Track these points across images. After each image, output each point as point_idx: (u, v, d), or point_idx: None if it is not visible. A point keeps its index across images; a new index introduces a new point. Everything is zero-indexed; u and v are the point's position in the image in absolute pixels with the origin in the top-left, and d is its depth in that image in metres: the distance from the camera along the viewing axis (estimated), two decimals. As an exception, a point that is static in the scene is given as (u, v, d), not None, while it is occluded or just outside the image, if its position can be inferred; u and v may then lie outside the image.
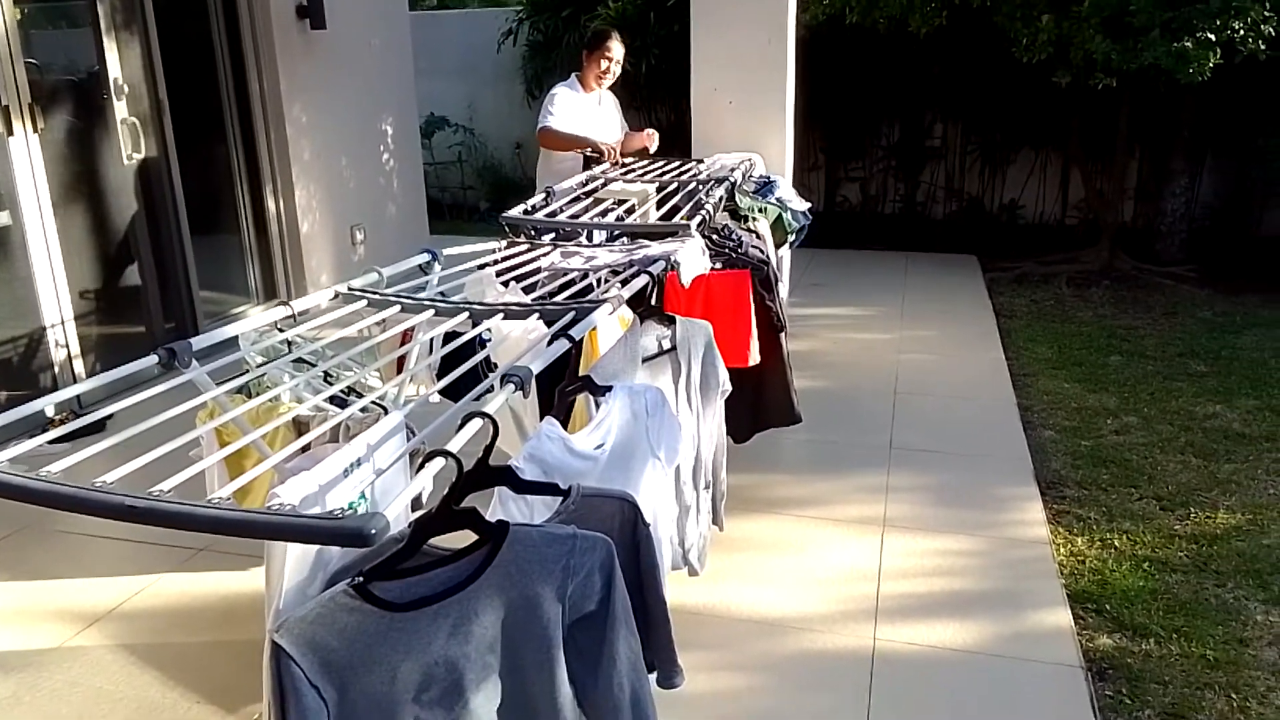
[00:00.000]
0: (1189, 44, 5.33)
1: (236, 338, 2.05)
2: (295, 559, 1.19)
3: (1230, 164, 7.32)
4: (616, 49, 4.72)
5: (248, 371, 1.98)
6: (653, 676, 1.54)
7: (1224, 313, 5.87)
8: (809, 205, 4.41)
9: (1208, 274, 6.67)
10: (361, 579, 1.17)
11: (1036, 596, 2.85)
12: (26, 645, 2.69)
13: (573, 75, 4.79)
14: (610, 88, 4.90)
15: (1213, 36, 5.34)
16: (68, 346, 4.39)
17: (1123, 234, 7.16)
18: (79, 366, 4.42)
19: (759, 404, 3.34)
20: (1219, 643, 2.64)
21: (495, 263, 2.59)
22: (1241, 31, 5.39)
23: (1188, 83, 5.60)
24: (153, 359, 1.67)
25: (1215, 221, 7.42)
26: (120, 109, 4.65)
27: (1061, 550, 3.13)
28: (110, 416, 1.71)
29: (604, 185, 3.88)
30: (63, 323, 4.36)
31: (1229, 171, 7.37)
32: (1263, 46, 5.44)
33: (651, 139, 4.85)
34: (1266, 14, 5.37)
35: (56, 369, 4.34)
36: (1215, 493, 3.52)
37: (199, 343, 1.76)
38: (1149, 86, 6.19)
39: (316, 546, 1.20)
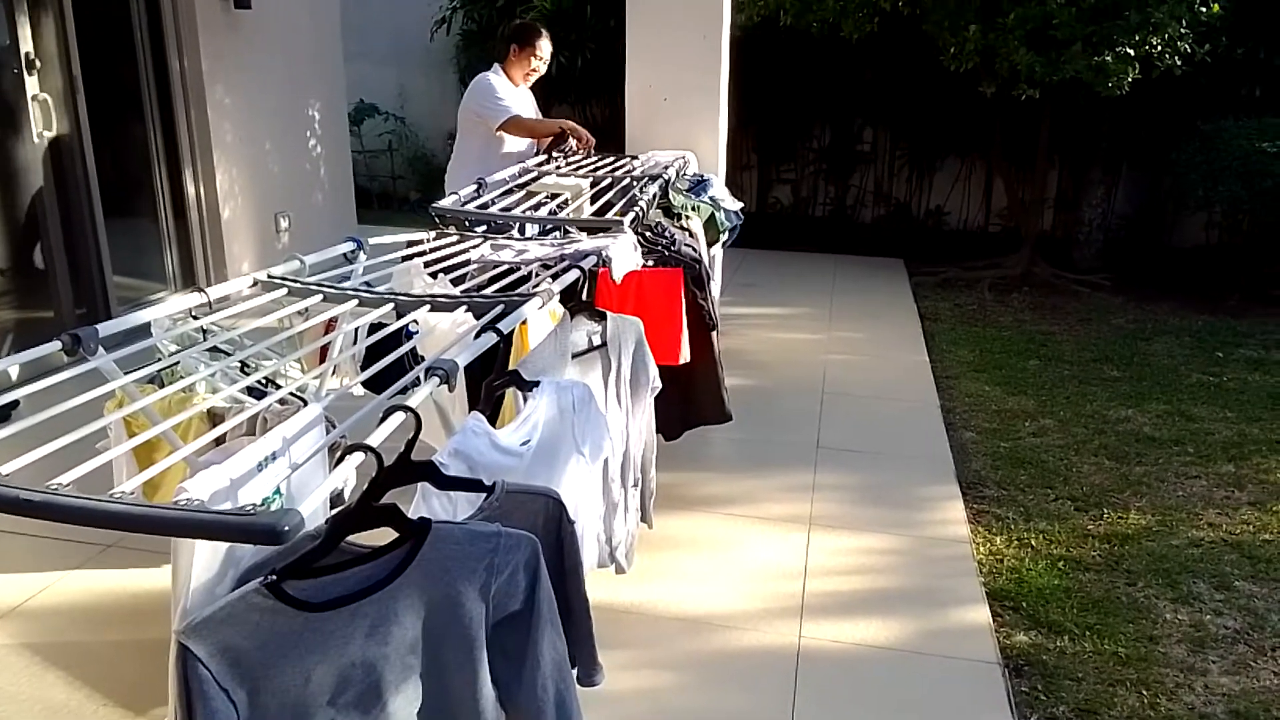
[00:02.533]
0: (1109, 58, 5.50)
1: (149, 324, 1.96)
2: (203, 556, 1.14)
3: (1145, 176, 7.58)
4: (546, 48, 4.66)
5: (160, 360, 1.90)
6: (574, 673, 1.51)
7: (1136, 320, 6.07)
8: (741, 205, 4.43)
9: (1122, 282, 6.90)
10: (274, 577, 1.12)
11: (957, 594, 2.90)
12: (-83, 645, 2.55)
13: (495, 65, 4.66)
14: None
15: (1131, 52, 5.52)
16: (-31, 331, 4.19)
17: (1042, 242, 7.36)
18: (-19, 352, 4.22)
19: (690, 401, 3.34)
20: (1130, 640, 2.72)
21: (424, 253, 2.54)
22: (1159, 47, 5.58)
23: (1107, 96, 5.78)
24: (56, 345, 1.59)
25: (1130, 231, 7.68)
26: (31, 84, 4.45)
27: (981, 549, 3.19)
28: (15, 404, 1.63)
29: (537, 179, 3.84)
30: (-36, 306, 4.16)
31: (1143, 183, 7.64)
32: (1178, 62, 5.65)
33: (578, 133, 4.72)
34: (1183, 31, 5.57)
35: (-44, 355, 4.14)
36: (1127, 494, 3.63)
37: (110, 328, 1.68)
38: (1070, 98, 6.38)
39: (226, 544, 1.15)
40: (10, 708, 2.31)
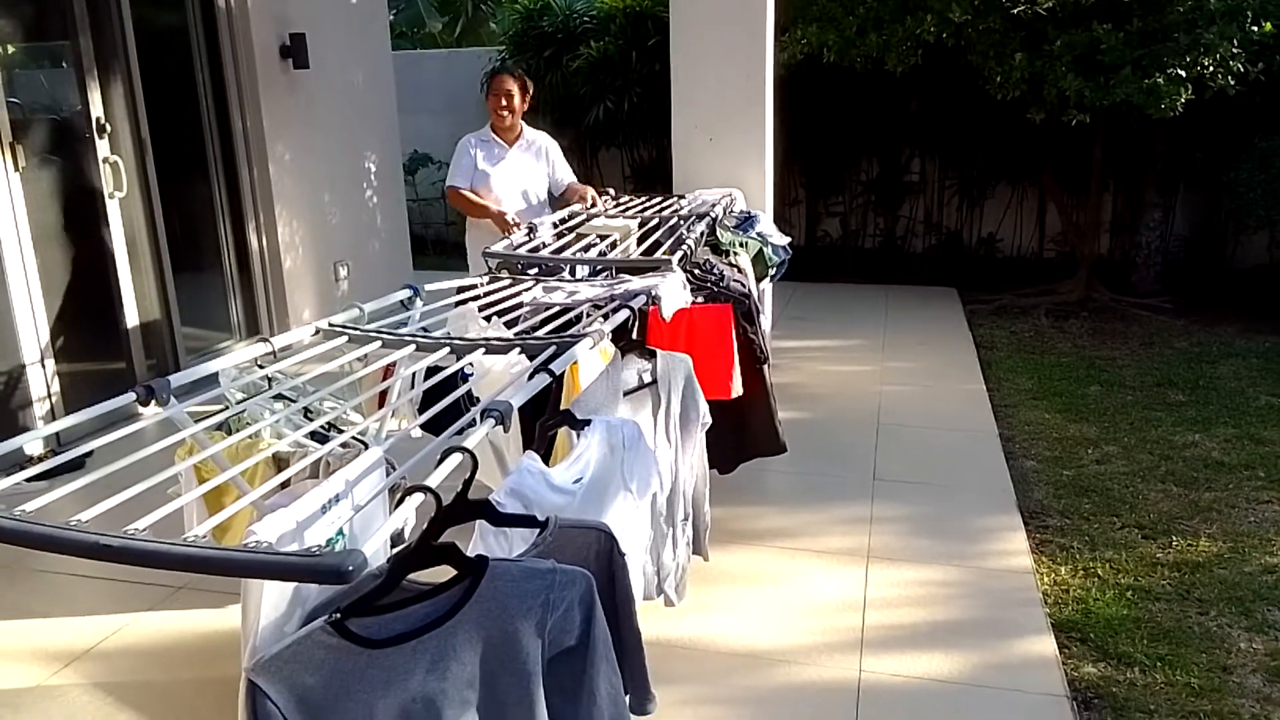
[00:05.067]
0: (1160, 80, 5.44)
1: (217, 374, 2.04)
2: (271, 596, 1.18)
3: (1202, 196, 7.44)
4: (508, 83, 4.46)
5: (228, 408, 1.97)
6: (626, 701, 1.53)
7: (1200, 343, 5.93)
8: (789, 239, 4.46)
9: (1183, 305, 6.76)
10: (339, 615, 1.16)
11: (1021, 626, 2.85)
12: (3, 685, 2.65)
13: (487, 124, 4.58)
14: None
15: (1183, 73, 5.45)
16: (48, 384, 4.36)
17: (1099, 266, 7.25)
18: (59, 404, 4.39)
19: (744, 434, 3.35)
20: (1203, 670, 2.64)
21: (478, 297, 2.60)
22: (1211, 68, 5.51)
23: (1159, 118, 5.71)
24: (131, 396, 1.66)
25: (1189, 253, 7.53)
26: (102, 147, 4.66)
27: (1045, 579, 3.14)
28: (90, 454, 1.70)
29: (587, 220, 3.91)
30: (42, 360, 4.33)
31: (1201, 204, 7.49)
32: (1232, 82, 5.56)
33: (586, 196, 4.47)
34: (1235, 50, 5.49)
35: (36, 407, 4.31)
36: (1196, 521, 3.54)
37: (179, 379, 1.76)
38: (1122, 121, 6.30)
39: (293, 584, 1.19)
40: (87, 750, 2.39)
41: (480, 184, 4.48)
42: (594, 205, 4.37)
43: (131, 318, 4.87)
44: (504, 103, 4.45)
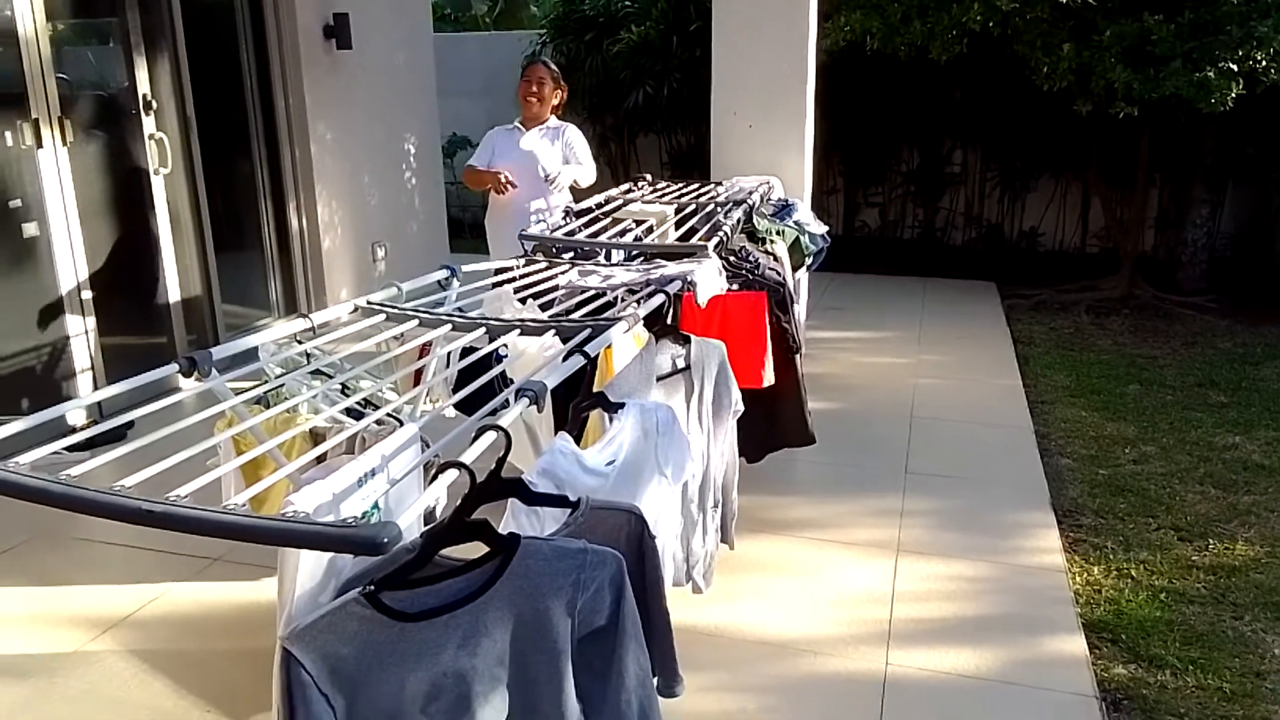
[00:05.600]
0: (1211, 74, 5.32)
1: (256, 349, 2.07)
2: (308, 566, 1.20)
3: (1252, 193, 7.29)
4: (539, 70, 4.59)
5: (266, 382, 2.00)
6: (655, 683, 1.54)
7: (1245, 344, 5.82)
8: (827, 229, 4.42)
9: (1229, 304, 6.63)
10: (373, 588, 1.17)
11: (1052, 624, 2.82)
12: (41, 650, 2.71)
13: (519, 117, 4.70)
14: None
15: (1235, 67, 5.33)
16: (91, 356, 4.44)
17: (1143, 263, 7.13)
18: (101, 376, 4.47)
19: (773, 424, 3.34)
20: (1235, 675, 2.60)
21: (514, 280, 2.61)
22: (1264, 62, 5.38)
23: (1209, 112, 5.59)
24: (174, 368, 1.69)
25: (1236, 251, 7.38)
26: (149, 124, 4.73)
27: (1077, 579, 3.10)
28: (131, 425, 1.73)
29: (624, 205, 3.91)
30: (86, 333, 4.41)
31: (1250, 201, 7.33)
32: (1285, 77, 5.43)
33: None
34: (1289, 45, 5.36)
35: (79, 378, 4.39)
36: (1234, 524, 3.48)
37: (220, 352, 1.78)
38: (1170, 115, 6.18)
39: (329, 554, 1.21)
40: (119, 712, 2.44)
41: (494, 163, 4.60)
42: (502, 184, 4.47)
43: (174, 293, 4.94)
44: (534, 89, 4.56)
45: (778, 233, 3.88)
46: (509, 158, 4.59)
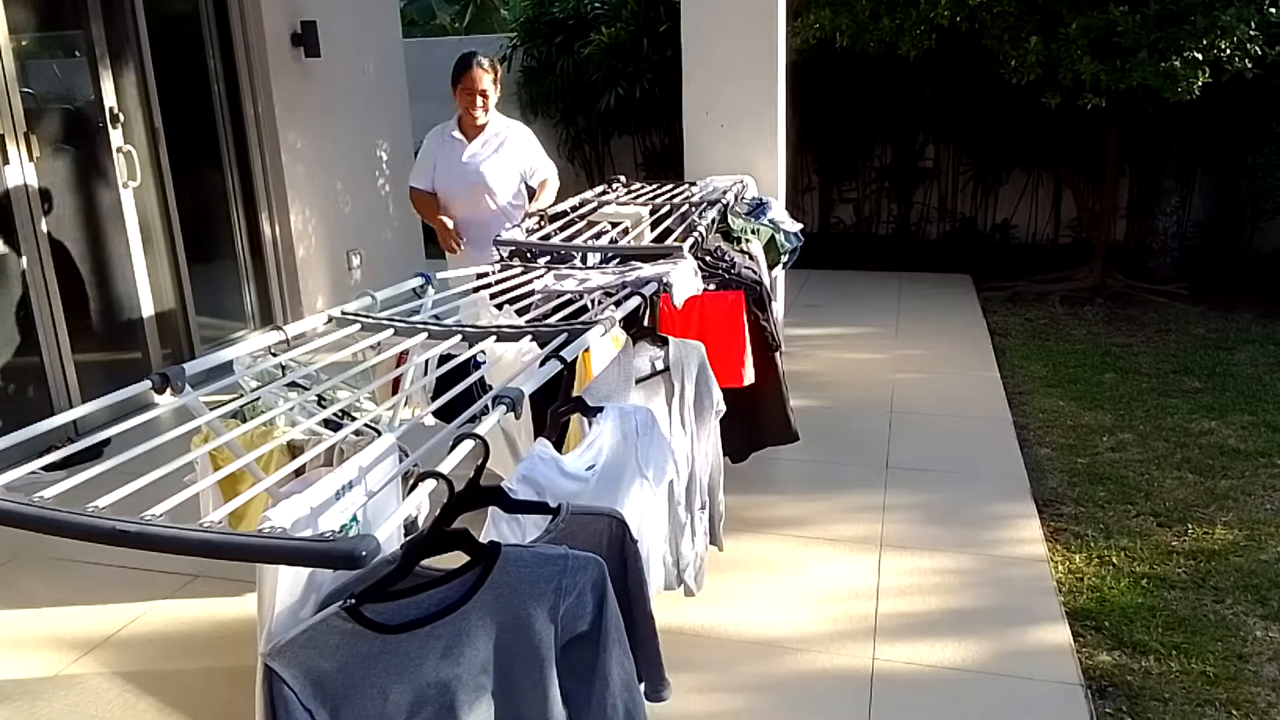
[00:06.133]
0: (1177, 64, 5.38)
1: (232, 362, 2.05)
2: (287, 582, 1.19)
3: (1220, 181, 7.37)
4: (479, 77, 3.97)
5: (242, 396, 1.98)
6: (641, 689, 1.53)
7: (1217, 329, 5.89)
8: (801, 226, 4.44)
9: (1200, 291, 6.70)
10: (353, 601, 1.17)
11: (1035, 614, 2.84)
12: (22, 673, 2.68)
13: (455, 115, 4.18)
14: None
15: (1200, 56, 5.39)
16: (64, 373, 4.39)
17: (1115, 252, 7.19)
18: (75, 393, 4.42)
19: (756, 423, 3.34)
20: (1219, 659, 2.63)
21: (489, 285, 2.60)
22: (1228, 51, 5.44)
23: (1176, 101, 5.65)
24: (146, 384, 1.67)
25: (1207, 239, 7.46)
26: (116, 137, 4.68)
27: (1059, 568, 3.13)
28: (106, 442, 1.71)
29: (598, 208, 3.90)
30: (59, 349, 4.36)
31: (1219, 189, 7.42)
32: (1249, 65, 5.50)
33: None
34: (1252, 33, 5.43)
35: (53, 396, 4.34)
36: (1212, 509, 3.52)
37: (194, 367, 1.76)
38: (1138, 106, 6.24)
39: (308, 569, 1.20)
40: (106, 735, 2.41)
41: (437, 184, 4.20)
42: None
43: (146, 307, 4.90)
44: (479, 102, 4.03)
45: (753, 231, 3.89)
46: (451, 176, 4.15)
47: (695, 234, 3.21)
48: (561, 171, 4.68)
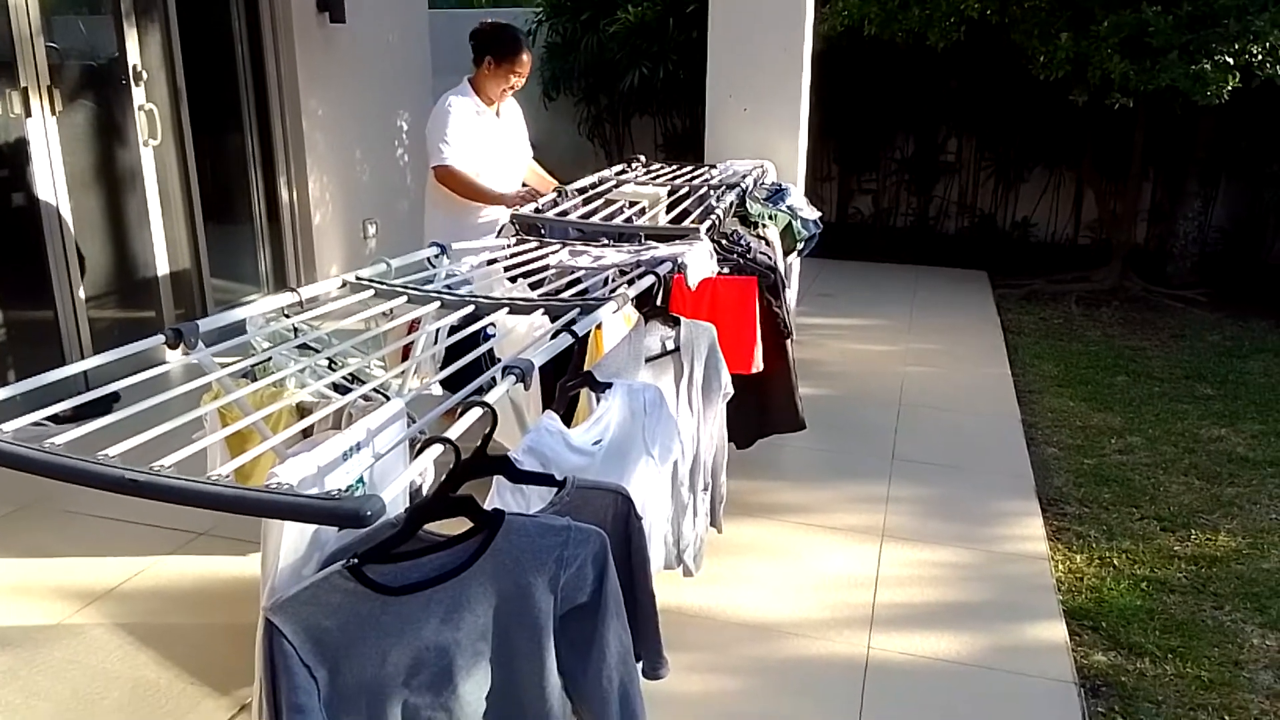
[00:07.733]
0: (1207, 66, 5.32)
1: (244, 322, 2.06)
2: (291, 538, 1.20)
3: (1244, 188, 7.30)
4: (528, 64, 3.91)
5: (253, 356, 1.99)
6: (639, 666, 1.54)
7: (1233, 337, 5.85)
8: (820, 214, 4.42)
9: (1218, 298, 6.65)
10: (356, 561, 1.18)
11: (1033, 611, 2.85)
12: (25, 621, 2.71)
13: (466, 81, 3.94)
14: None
15: (1231, 60, 5.33)
16: (78, 329, 4.41)
17: (1134, 255, 7.15)
18: (88, 349, 4.44)
19: (763, 410, 3.34)
20: (1214, 664, 2.63)
21: (504, 258, 2.60)
22: (1260, 56, 5.38)
23: (1204, 105, 5.60)
24: (160, 339, 1.68)
25: (1227, 245, 7.40)
26: (138, 95, 4.68)
27: (1060, 566, 3.12)
28: (117, 396, 1.72)
29: (617, 186, 3.89)
30: (74, 304, 4.38)
31: (1242, 196, 7.35)
32: (1280, 71, 5.44)
33: (547, 189, 3.82)
34: (1286, 39, 5.36)
35: (65, 351, 4.36)
36: (1217, 515, 3.51)
37: (207, 324, 1.77)
38: (1165, 107, 6.18)
39: (313, 526, 1.21)
40: (103, 684, 2.44)
41: (479, 161, 3.91)
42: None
43: (162, 266, 4.91)
44: (522, 78, 3.91)
45: (770, 217, 3.88)
46: (493, 151, 3.94)
47: (713, 216, 3.21)
48: (580, 149, 4.67)
